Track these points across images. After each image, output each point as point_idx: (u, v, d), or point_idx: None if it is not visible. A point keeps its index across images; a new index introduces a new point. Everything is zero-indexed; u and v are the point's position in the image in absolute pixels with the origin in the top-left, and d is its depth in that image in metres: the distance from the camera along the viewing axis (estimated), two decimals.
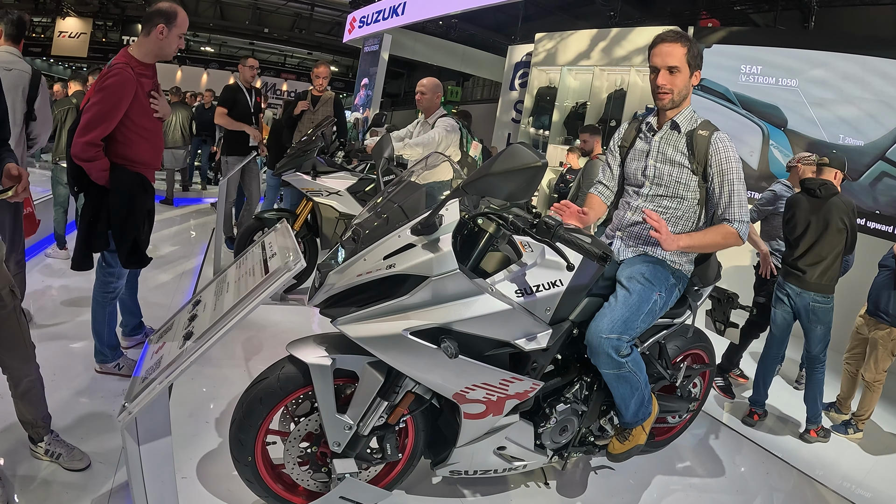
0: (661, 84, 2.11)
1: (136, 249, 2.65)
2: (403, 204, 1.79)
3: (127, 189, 2.56)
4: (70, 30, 18.80)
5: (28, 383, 2.00)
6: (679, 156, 2.15)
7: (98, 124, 2.41)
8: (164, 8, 2.54)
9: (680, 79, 2.10)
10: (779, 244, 3.95)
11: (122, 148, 2.52)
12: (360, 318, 1.68)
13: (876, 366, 3.51)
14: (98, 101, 2.42)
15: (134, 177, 2.60)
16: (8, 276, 1.90)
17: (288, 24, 19.98)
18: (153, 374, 1.19)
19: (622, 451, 2.28)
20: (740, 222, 2.09)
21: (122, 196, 2.55)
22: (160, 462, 1.26)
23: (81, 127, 2.42)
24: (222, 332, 1.16)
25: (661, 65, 2.10)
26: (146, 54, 2.58)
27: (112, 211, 2.55)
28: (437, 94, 4.27)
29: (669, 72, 2.09)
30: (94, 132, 2.40)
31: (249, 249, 1.74)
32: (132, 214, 2.59)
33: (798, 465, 3.11)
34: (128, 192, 2.57)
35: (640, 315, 2.04)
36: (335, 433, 1.83)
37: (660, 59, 2.10)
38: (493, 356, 1.83)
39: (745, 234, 2.11)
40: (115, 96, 2.43)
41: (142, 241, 2.68)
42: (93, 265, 2.70)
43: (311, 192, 4.09)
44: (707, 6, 8.78)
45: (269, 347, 3.35)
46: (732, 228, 2.10)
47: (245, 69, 5.43)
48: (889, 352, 3.49)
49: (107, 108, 2.42)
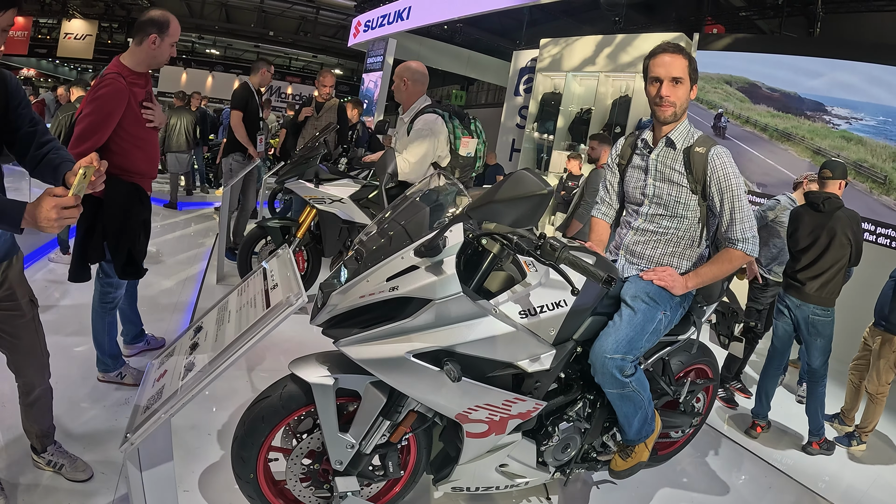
0: (665, 95, 2.06)
1: (132, 260, 2.65)
2: (407, 224, 1.79)
3: (122, 200, 2.56)
4: (76, 31, 18.87)
5: (40, 392, 2.02)
6: (676, 175, 2.12)
7: (91, 135, 2.40)
8: (156, 17, 2.52)
9: (682, 91, 2.07)
10: (771, 252, 3.96)
11: (116, 158, 2.50)
12: (362, 339, 1.68)
13: (879, 378, 3.50)
14: (90, 111, 2.41)
15: (129, 188, 2.59)
16: (28, 287, 1.93)
17: (293, 27, 20.00)
18: (154, 406, 1.19)
19: (625, 469, 2.27)
20: (745, 241, 2.07)
21: (116, 207, 2.55)
22: (163, 486, 1.26)
23: (75, 138, 2.40)
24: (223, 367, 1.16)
25: (665, 75, 2.06)
26: (138, 63, 2.56)
27: (107, 222, 2.55)
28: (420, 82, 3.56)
29: (674, 83, 2.06)
30: (87, 143, 2.38)
31: (252, 274, 1.74)
32: (127, 225, 2.58)
33: (800, 478, 3.10)
34: (122, 204, 2.56)
35: (645, 335, 2.03)
36: (337, 452, 1.83)
37: (663, 69, 2.06)
38: (496, 377, 1.82)
39: (754, 249, 2.07)
40: (108, 107, 2.42)
41: (137, 251, 2.67)
42: (90, 277, 2.69)
43: (313, 199, 4.09)
44: (712, 12, 8.76)
45: (272, 357, 3.35)
46: (738, 251, 2.07)
47: (267, 75, 5.27)
48: (891, 363, 3.48)
49: (99, 119, 2.41)
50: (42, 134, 1.74)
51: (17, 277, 1.86)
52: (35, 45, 19.79)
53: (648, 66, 2.12)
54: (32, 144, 1.72)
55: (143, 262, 2.72)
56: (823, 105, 6.05)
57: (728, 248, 2.10)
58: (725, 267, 2.11)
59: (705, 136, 2.15)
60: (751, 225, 2.07)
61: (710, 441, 3.30)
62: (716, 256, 2.15)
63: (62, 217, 1.36)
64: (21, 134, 1.71)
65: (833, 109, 5.97)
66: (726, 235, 2.10)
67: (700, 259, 2.24)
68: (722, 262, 2.11)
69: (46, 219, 1.36)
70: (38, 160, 1.72)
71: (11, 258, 1.82)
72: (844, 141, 5.88)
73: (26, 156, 1.74)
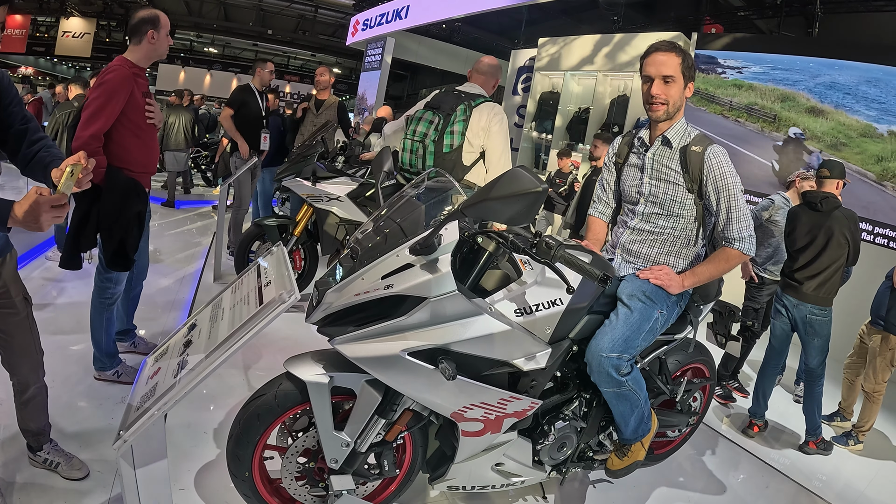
0: (655, 94, 2.06)
1: (122, 250, 2.68)
2: (403, 222, 1.78)
3: (120, 190, 2.62)
4: (74, 30, 18.82)
5: (34, 390, 2.01)
6: (673, 174, 2.12)
7: (100, 116, 2.49)
8: (146, 16, 2.66)
9: (675, 89, 2.07)
10: (766, 251, 3.96)
11: (116, 147, 2.58)
12: (357, 337, 1.68)
13: (876, 376, 3.50)
14: (97, 95, 2.52)
15: (128, 180, 2.66)
16: (22, 285, 1.92)
17: (292, 26, 19.97)
18: (147, 403, 1.19)
19: (621, 468, 2.27)
20: (741, 240, 2.07)
21: (113, 196, 2.61)
22: (156, 485, 1.26)
23: (83, 121, 2.49)
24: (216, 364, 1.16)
25: (656, 74, 2.06)
26: (141, 59, 2.70)
27: (102, 210, 2.60)
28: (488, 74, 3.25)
29: (664, 81, 2.06)
30: (96, 124, 2.48)
31: (246, 272, 1.73)
32: (122, 215, 2.64)
33: (797, 477, 3.10)
34: (120, 193, 2.62)
35: (641, 333, 2.03)
36: (333, 450, 1.83)
37: (654, 68, 2.06)
38: (492, 376, 1.82)
39: (751, 248, 2.08)
40: (113, 89, 2.52)
41: (129, 243, 2.70)
42: (81, 265, 2.74)
43: (311, 197, 4.08)
44: (711, 12, 8.77)
45: (268, 355, 3.34)
46: (734, 250, 2.07)
47: (264, 73, 5.31)
48: (888, 361, 3.48)
49: (105, 100, 2.50)
50: (33, 132, 1.74)
51: (11, 275, 1.85)
52: (33, 44, 19.72)
53: (642, 65, 2.12)
54: (24, 142, 1.73)
55: (133, 254, 2.75)
56: (716, 58, 6.72)
57: (725, 247, 2.10)
58: (722, 266, 2.11)
59: (702, 135, 2.15)
60: (748, 224, 2.07)
61: (707, 440, 3.30)
62: (712, 255, 2.15)
63: (49, 215, 1.36)
64: (12, 132, 1.72)
65: (726, 62, 6.63)
66: (723, 234, 2.10)
67: (696, 258, 2.24)
68: (719, 261, 2.11)
69: (33, 217, 1.35)
70: (29, 158, 1.73)
71: (5, 256, 1.82)
72: (736, 88, 6.51)
73: (18, 153, 1.74)
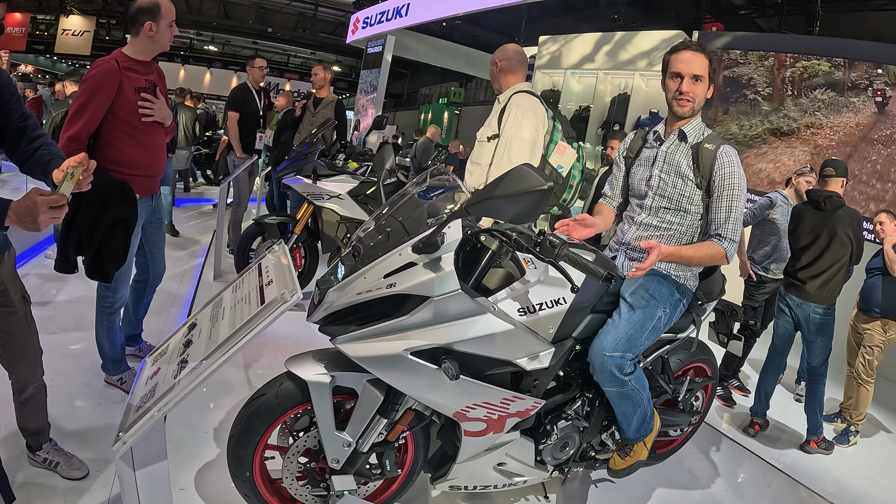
0: (685, 91, 2.07)
1: (100, 259, 2.44)
2: (405, 220, 1.77)
3: (98, 195, 2.37)
4: (74, 28, 18.81)
5: (33, 390, 2.00)
6: (684, 168, 2.12)
7: (80, 117, 2.33)
8: (144, 5, 2.45)
9: (701, 88, 2.09)
10: (765, 250, 3.95)
11: (106, 148, 2.42)
12: (359, 337, 1.66)
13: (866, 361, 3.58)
14: (80, 93, 2.36)
15: (112, 184, 2.43)
16: (21, 283, 1.91)
17: (292, 24, 19.95)
18: (147, 404, 1.17)
19: (623, 467, 2.26)
20: (731, 241, 2.06)
21: (92, 202, 2.38)
22: (156, 486, 1.24)
23: (67, 120, 2.34)
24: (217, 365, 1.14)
25: (687, 72, 2.06)
26: (140, 52, 2.50)
27: (79, 215, 2.40)
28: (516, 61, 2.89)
29: (694, 80, 2.07)
30: (76, 125, 2.32)
31: (247, 270, 1.72)
32: (99, 223, 2.41)
33: (798, 476, 3.10)
34: (99, 199, 2.40)
35: (644, 332, 2.01)
36: (334, 450, 1.81)
37: (685, 65, 2.06)
38: (495, 375, 1.80)
39: (732, 255, 2.08)
40: (96, 85, 2.35)
41: (108, 253, 2.44)
42: (75, 269, 2.52)
43: (311, 195, 4.07)
44: (711, 10, 8.76)
45: (269, 354, 3.33)
46: (722, 248, 2.05)
47: (255, 70, 5.30)
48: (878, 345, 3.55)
49: (86, 99, 2.34)
50: (32, 129, 1.73)
51: (10, 274, 1.84)
52: (33, 42, 19.69)
53: (669, 62, 2.11)
54: (23, 139, 1.71)
55: (115, 266, 2.49)
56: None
57: (715, 241, 2.08)
58: (704, 257, 2.07)
59: (715, 135, 2.16)
60: (738, 230, 2.08)
61: (709, 440, 3.30)
62: (702, 243, 2.11)
63: (47, 216, 1.34)
64: (11, 129, 1.70)
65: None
66: (717, 231, 2.08)
67: None
68: (706, 249, 2.07)
69: (31, 217, 1.34)
70: (28, 155, 1.71)
71: (4, 254, 1.80)
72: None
73: (16, 151, 1.72)
